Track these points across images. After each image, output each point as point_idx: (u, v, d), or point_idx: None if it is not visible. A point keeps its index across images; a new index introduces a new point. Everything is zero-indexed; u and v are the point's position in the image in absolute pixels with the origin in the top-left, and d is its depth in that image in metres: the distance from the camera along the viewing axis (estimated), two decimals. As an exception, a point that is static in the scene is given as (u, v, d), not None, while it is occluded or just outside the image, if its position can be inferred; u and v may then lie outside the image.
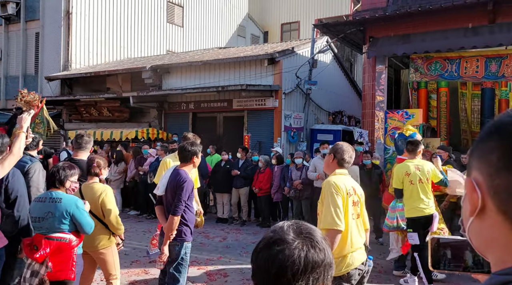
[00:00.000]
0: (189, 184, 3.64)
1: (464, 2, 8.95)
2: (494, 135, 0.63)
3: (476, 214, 0.65)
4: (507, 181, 0.60)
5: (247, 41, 22.07)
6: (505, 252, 0.62)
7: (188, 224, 3.73)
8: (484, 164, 0.64)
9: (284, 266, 1.00)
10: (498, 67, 9.36)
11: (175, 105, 13.59)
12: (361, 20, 10.07)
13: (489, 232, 0.64)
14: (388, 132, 9.82)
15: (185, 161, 3.75)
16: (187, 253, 3.80)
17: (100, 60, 16.79)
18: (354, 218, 2.92)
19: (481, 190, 0.64)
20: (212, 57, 13.41)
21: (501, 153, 0.61)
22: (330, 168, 2.99)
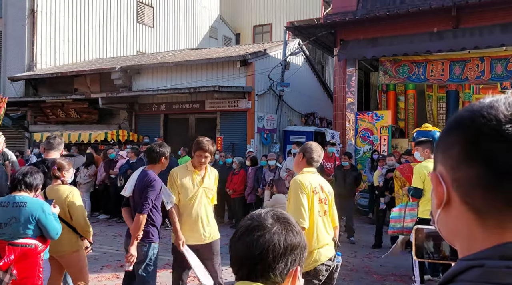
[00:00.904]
0: (157, 183, 3.63)
1: (429, 8, 9.27)
2: (454, 130, 0.66)
3: (443, 206, 0.68)
4: (467, 174, 0.63)
5: (219, 42, 22.01)
6: (469, 240, 0.66)
7: (155, 224, 3.70)
8: (447, 158, 0.66)
9: (265, 249, 1.07)
10: (462, 71, 9.75)
11: (146, 107, 13.37)
12: (332, 23, 10.24)
13: (454, 223, 0.68)
14: (358, 133, 10.02)
15: (153, 162, 3.77)
16: (155, 253, 3.75)
17: (67, 60, 16.30)
18: (321, 215, 2.97)
19: (445, 183, 0.67)
20: (184, 58, 13.28)
21: (460, 147, 0.64)
22: (299, 166, 3.06)
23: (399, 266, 6.37)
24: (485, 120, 0.62)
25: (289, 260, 1.09)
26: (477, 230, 0.64)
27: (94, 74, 13.74)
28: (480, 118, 0.63)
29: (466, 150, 0.63)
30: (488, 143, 0.61)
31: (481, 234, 0.64)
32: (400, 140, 10.39)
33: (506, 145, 0.60)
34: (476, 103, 0.66)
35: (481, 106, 0.64)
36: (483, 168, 0.61)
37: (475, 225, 0.64)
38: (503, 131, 0.60)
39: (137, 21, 18.57)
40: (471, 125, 0.63)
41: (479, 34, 9.06)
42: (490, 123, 0.61)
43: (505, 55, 9.49)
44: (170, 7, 19.92)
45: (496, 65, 9.55)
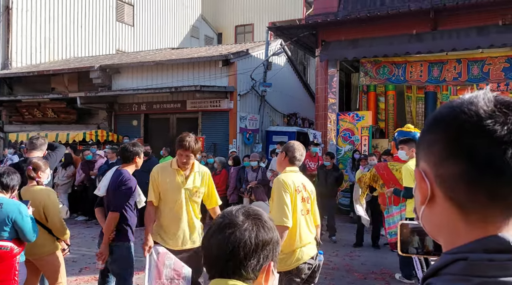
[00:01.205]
0: (132, 182, 3.62)
1: (408, 10, 9.44)
2: (436, 127, 0.67)
3: (427, 202, 0.69)
4: (450, 170, 0.64)
5: (201, 42, 21.88)
6: (453, 235, 0.67)
7: (130, 224, 3.67)
8: (429, 155, 0.67)
9: (236, 247, 1.07)
10: (440, 72, 9.96)
11: (125, 106, 13.17)
12: (314, 24, 10.31)
13: (438, 218, 0.68)
14: (340, 134, 10.11)
15: (127, 161, 3.75)
16: (131, 253, 3.73)
17: (44, 58, 15.90)
18: (303, 214, 2.98)
19: (429, 179, 0.68)
20: (165, 57, 13.14)
21: (443, 143, 0.65)
22: (282, 165, 3.06)
23: (379, 264, 6.45)
24: (466, 116, 0.63)
25: (261, 256, 1.09)
26: (460, 224, 0.66)
27: (72, 73, 13.45)
28: (461, 114, 0.64)
29: (448, 146, 0.64)
30: (470, 139, 0.62)
31: (465, 228, 0.65)
32: (381, 140, 10.54)
33: (488, 140, 0.61)
34: (456, 100, 0.67)
35: (461, 103, 0.66)
36: (465, 163, 0.62)
37: (459, 220, 0.66)
38: (484, 126, 0.61)
39: (116, 20, 18.28)
40: (453, 121, 0.64)
41: (456, 36, 9.27)
42: (472, 119, 0.62)
43: (481, 57, 9.74)
44: (150, 5, 19.69)
45: (473, 67, 9.79)
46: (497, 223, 0.64)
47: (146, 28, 19.59)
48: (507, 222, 0.64)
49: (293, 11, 20.27)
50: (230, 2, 22.37)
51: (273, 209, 2.88)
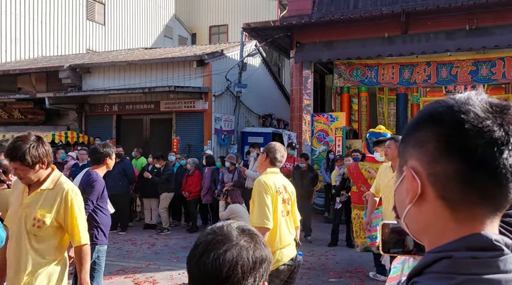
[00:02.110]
0: (99, 184, 3.57)
1: (380, 13, 9.65)
2: (430, 125, 0.66)
3: (415, 201, 0.68)
4: (445, 168, 0.64)
5: (174, 42, 21.63)
6: (440, 234, 0.67)
7: (100, 226, 3.61)
8: (421, 153, 0.66)
9: (234, 265, 0.95)
10: (411, 74, 10.23)
11: (97, 107, 12.85)
12: (288, 25, 10.38)
13: (426, 217, 0.68)
14: (314, 134, 10.22)
15: (97, 163, 3.68)
16: (99, 257, 3.64)
17: (9, 57, 15.31)
18: (284, 215, 2.99)
19: (420, 178, 0.67)
20: (138, 57, 12.91)
21: (438, 142, 0.64)
22: (263, 167, 3.05)
23: (354, 263, 6.55)
24: (465, 116, 0.63)
25: (257, 275, 0.98)
26: (449, 223, 0.66)
27: (40, 73, 13.01)
28: (458, 114, 0.63)
29: (444, 145, 0.64)
30: (468, 138, 0.62)
31: (453, 227, 0.65)
32: (354, 141, 10.72)
33: (484, 141, 0.61)
34: (449, 99, 0.67)
35: (456, 103, 0.66)
36: (461, 163, 0.62)
37: (448, 219, 0.66)
38: (482, 127, 0.62)
39: (87, 18, 17.81)
40: (449, 120, 0.64)
41: (426, 40, 9.55)
42: (470, 119, 0.62)
43: (449, 60, 10.07)
44: (122, 4, 19.30)
45: (442, 69, 10.11)
46: (483, 222, 0.64)
47: (118, 27, 19.19)
48: (492, 221, 0.65)
49: (267, 13, 20.35)
50: (204, 2, 22.22)
51: (254, 211, 2.87)
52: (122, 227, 8.61)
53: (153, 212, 9.13)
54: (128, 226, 9.01)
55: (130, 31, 19.72)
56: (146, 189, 9.06)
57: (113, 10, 18.92)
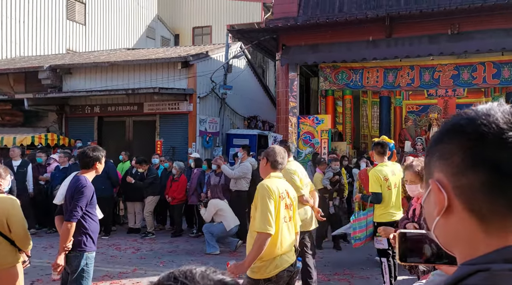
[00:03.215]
0: (88, 189, 3.49)
1: (365, 17, 9.75)
2: (454, 138, 0.68)
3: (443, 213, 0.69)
4: (471, 180, 0.64)
5: (157, 43, 21.38)
6: (470, 246, 0.67)
7: (89, 233, 3.54)
8: (447, 166, 0.68)
9: None
10: (395, 78, 10.37)
11: (78, 108, 12.58)
12: (274, 28, 10.38)
13: (455, 229, 0.68)
14: (300, 137, 10.24)
15: (86, 167, 3.60)
16: (88, 264, 3.57)
17: (-14, 56, 14.83)
18: (286, 221, 2.95)
19: (446, 190, 0.68)
20: (121, 58, 12.69)
21: (463, 154, 0.65)
22: (265, 171, 2.99)
23: (341, 265, 6.57)
24: (487, 129, 0.64)
25: None
26: (480, 235, 0.65)
27: (19, 73, 12.64)
28: (481, 127, 0.65)
29: (469, 157, 0.65)
30: (492, 150, 0.63)
31: (484, 239, 0.65)
32: (339, 143, 10.79)
33: (508, 152, 0.62)
34: (471, 112, 0.68)
35: (478, 115, 0.66)
36: (487, 174, 0.63)
37: (478, 231, 0.65)
38: (506, 139, 0.63)
39: (67, 18, 17.41)
40: (473, 133, 0.65)
41: (409, 43, 9.70)
42: (493, 131, 0.64)
43: (432, 65, 10.26)
44: (103, 4, 18.96)
45: (424, 73, 10.29)
46: None
47: (99, 28, 18.83)
48: None
49: (251, 15, 20.34)
50: (187, 3, 22.05)
51: (256, 216, 2.81)
52: (106, 231, 8.42)
53: (137, 216, 8.97)
54: (111, 230, 8.83)
55: (111, 31, 19.38)
56: (130, 193, 8.89)
57: (94, 9, 18.56)
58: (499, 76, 9.86)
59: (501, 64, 9.85)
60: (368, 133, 12.38)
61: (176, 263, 6.60)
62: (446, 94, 11.78)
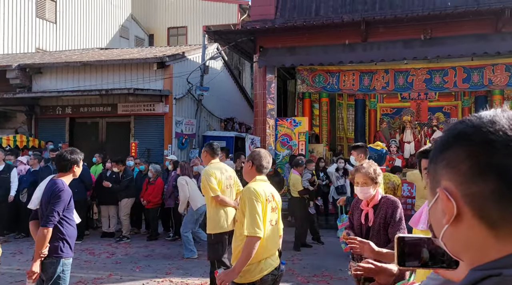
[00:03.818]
0: (66, 194, 3.40)
1: (341, 21, 9.89)
2: (460, 146, 0.68)
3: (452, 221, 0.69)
4: (481, 189, 0.64)
5: (131, 43, 20.99)
6: (481, 252, 0.67)
7: (66, 238, 3.45)
8: (454, 174, 0.68)
9: None
10: (370, 81, 10.55)
11: (48, 109, 12.19)
12: (252, 30, 10.38)
13: (465, 236, 0.68)
14: (278, 139, 10.26)
15: (63, 170, 3.51)
16: (65, 270, 3.47)
17: (-51, 54, 14.15)
18: (272, 224, 2.95)
19: (454, 198, 0.68)
20: (93, 58, 12.39)
21: (471, 162, 0.65)
22: (250, 175, 2.96)
23: (320, 267, 6.60)
24: (494, 136, 0.64)
25: None
26: (490, 241, 0.66)
27: (-15, 72, 12.13)
28: (488, 134, 0.65)
29: (477, 165, 0.65)
30: (501, 158, 0.63)
31: (494, 244, 0.65)
32: (316, 145, 10.88)
33: None
34: (475, 119, 0.68)
35: (483, 122, 0.66)
36: (496, 182, 0.63)
37: (489, 237, 0.66)
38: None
39: (36, 16, 16.84)
40: (479, 140, 0.65)
41: (384, 48, 9.89)
42: (500, 138, 0.64)
43: (406, 69, 10.51)
44: (75, 2, 18.45)
45: (399, 77, 10.52)
46: None
47: (70, 26, 18.31)
48: None
49: (227, 16, 20.29)
50: (162, 3, 21.75)
51: (245, 219, 2.77)
52: (78, 235, 8.13)
53: (111, 220, 8.75)
54: (85, 234, 8.57)
55: (83, 30, 18.89)
56: (104, 196, 8.66)
57: (65, 8, 18.03)
58: (469, 80, 10.20)
59: (470, 69, 10.20)
60: (344, 135, 12.55)
61: (152, 267, 6.47)
62: (419, 98, 12.09)
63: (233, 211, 4.59)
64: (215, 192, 4.50)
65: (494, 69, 10.03)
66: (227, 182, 4.70)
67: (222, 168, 4.77)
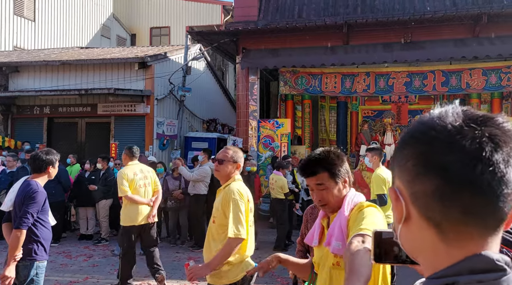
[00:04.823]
0: (40, 195, 3.33)
1: (324, 23, 9.96)
2: (408, 144, 0.66)
3: (403, 221, 0.67)
4: (423, 187, 0.63)
5: (112, 42, 20.68)
6: (433, 255, 0.65)
7: (41, 241, 3.39)
8: (403, 172, 0.66)
9: None
10: (352, 84, 10.66)
11: (26, 109, 11.92)
12: (235, 31, 10.36)
13: (416, 238, 0.67)
14: (260, 140, 10.25)
15: (38, 171, 3.44)
16: (38, 274, 3.41)
17: None
18: (251, 225, 2.93)
19: (403, 198, 0.67)
20: (73, 57, 12.17)
21: (414, 160, 0.64)
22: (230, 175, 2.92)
23: (301, 268, 6.61)
24: (435, 132, 0.63)
25: None
26: (439, 244, 0.64)
27: (-41, 70, 11.77)
28: (430, 131, 0.63)
29: (420, 163, 0.63)
30: (440, 155, 0.61)
31: (444, 248, 0.63)
32: (299, 147, 10.91)
33: (457, 156, 0.60)
34: (426, 115, 0.67)
35: (431, 118, 0.65)
36: (437, 180, 0.61)
37: (437, 240, 0.64)
38: (453, 142, 0.61)
39: (14, 13, 16.43)
40: (423, 137, 0.64)
41: (365, 51, 10.01)
42: (441, 134, 0.62)
43: (386, 71, 10.64)
44: (54, 0, 18.09)
45: (379, 80, 10.65)
46: (476, 241, 0.62)
47: (50, 24, 17.93)
48: (487, 240, 0.63)
49: (210, 17, 20.21)
50: (144, 2, 21.51)
51: (230, 221, 2.73)
52: (55, 238, 7.95)
53: (89, 222, 8.58)
54: (62, 237, 8.38)
55: (63, 29, 18.51)
56: (82, 198, 8.49)
57: (44, 5, 17.64)
58: (447, 84, 10.39)
59: (449, 72, 10.40)
60: (326, 137, 12.62)
61: (131, 270, 6.35)
62: (399, 100, 12.26)
63: (145, 208, 5.25)
64: (124, 193, 5.13)
65: (471, 73, 10.25)
66: (140, 182, 5.26)
67: (137, 170, 5.30)
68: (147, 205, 5.28)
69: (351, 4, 10.70)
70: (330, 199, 1.82)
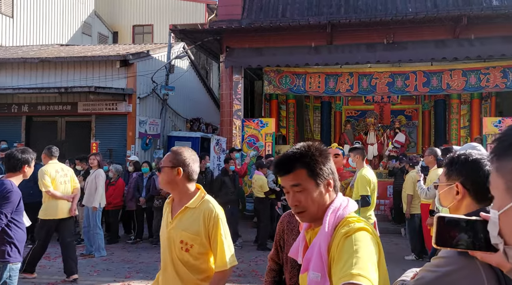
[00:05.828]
0: (14, 195, 3.23)
1: (308, 23, 9.98)
2: None
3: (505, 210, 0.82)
4: None
5: (94, 40, 20.33)
6: None
7: (14, 242, 3.30)
8: None
9: None
10: (335, 84, 10.70)
11: (3, 107, 11.63)
12: (219, 30, 10.30)
13: None
14: (245, 140, 10.20)
15: (13, 170, 3.38)
16: (12, 276, 3.32)
17: None
18: None
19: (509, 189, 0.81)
20: (53, 54, 11.90)
21: None
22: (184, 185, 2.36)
23: (284, 267, 6.59)
24: None
25: None
26: None
27: None
28: None
29: None
30: None
31: None
32: (283, 146, 10.89)
33: None
34: None
35: None
36: None
37: None
38: None
39: (-9, 9, 15.99)
40: None
41: (349, 51, 10.07)
42: None
43: (370, 72, 10.73)
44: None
45: (363, 80, 10.73)
46: None
47: (29, 21, 17.49)
48: None
49: (194, 15, 20.06)
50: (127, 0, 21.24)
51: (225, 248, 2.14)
52: (32, 239, 7.75)
53: (69, 223, 8.37)
54: (40, 238, 8.16)
55: (43, 25, 18.09)
56: (61, 198, 8.28)
57: (23, 1, 17.21)
58: (429, 84, 10.54)
59: (430, 73, 10.54)
60: (311, 137, 12.66)
61: (111, 271, 6.23)
62: (382, 101, 12.39)
63: (65, 203, 5.75)
64: (46, 188, 5.58)
65: (452, 74, 10.42)
66: (61, 179, 5.76)
67: (58, 168, 5.81)
68: (67, 201, 5.77)
69: (334, 4, 10.75)
70: (308, 204, 1.41)
